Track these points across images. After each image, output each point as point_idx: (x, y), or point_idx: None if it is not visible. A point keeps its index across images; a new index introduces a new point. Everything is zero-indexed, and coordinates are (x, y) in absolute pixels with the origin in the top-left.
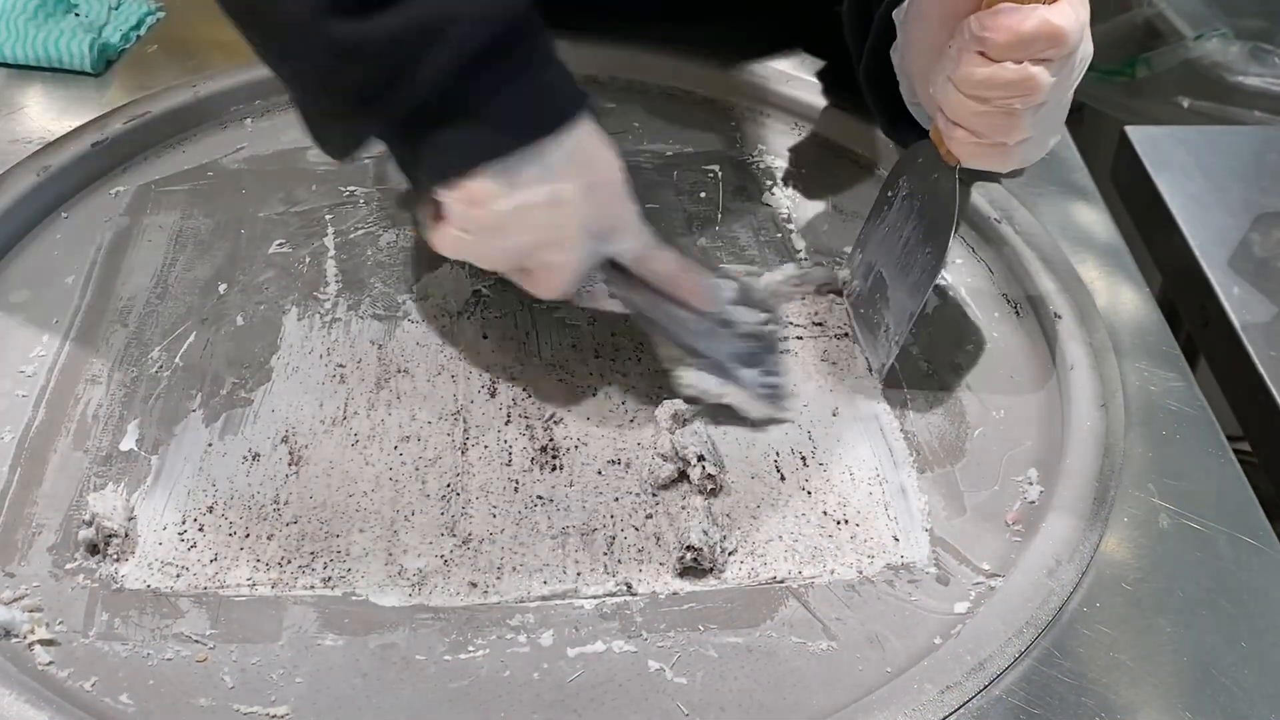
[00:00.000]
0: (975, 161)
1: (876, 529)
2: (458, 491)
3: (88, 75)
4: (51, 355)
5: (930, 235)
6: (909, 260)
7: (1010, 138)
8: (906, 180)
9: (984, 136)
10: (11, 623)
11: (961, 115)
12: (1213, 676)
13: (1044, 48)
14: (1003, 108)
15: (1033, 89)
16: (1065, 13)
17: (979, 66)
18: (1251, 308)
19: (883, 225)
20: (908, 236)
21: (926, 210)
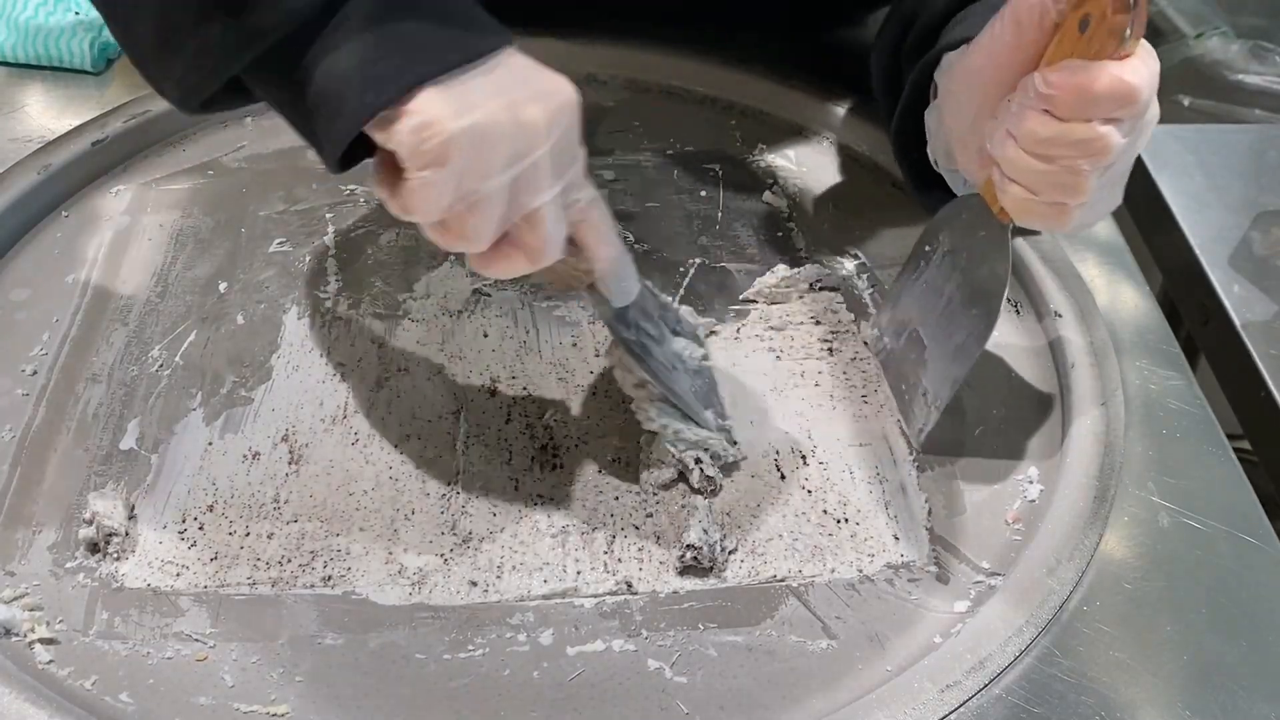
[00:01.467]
0: (1030, 221)
1: (876, 528)
2: (458, 490)
3: (88, 74)
4: (52, 354)
5: (978, 297)
6: (952, 322)
7: (1073, 199)
8: (948, 236)
9: (1043, 195)
10: (12, 621)
11: (1021, 173)
12: (1212, 675)
13: (1115, 108)
14: (1068, 167)
15: (1103, 150)
16: (1138, 70)
17: (1045, 125)
18: (1251, 306)
19: (919, 282)
20: (950, 296)
21: (973, 269)
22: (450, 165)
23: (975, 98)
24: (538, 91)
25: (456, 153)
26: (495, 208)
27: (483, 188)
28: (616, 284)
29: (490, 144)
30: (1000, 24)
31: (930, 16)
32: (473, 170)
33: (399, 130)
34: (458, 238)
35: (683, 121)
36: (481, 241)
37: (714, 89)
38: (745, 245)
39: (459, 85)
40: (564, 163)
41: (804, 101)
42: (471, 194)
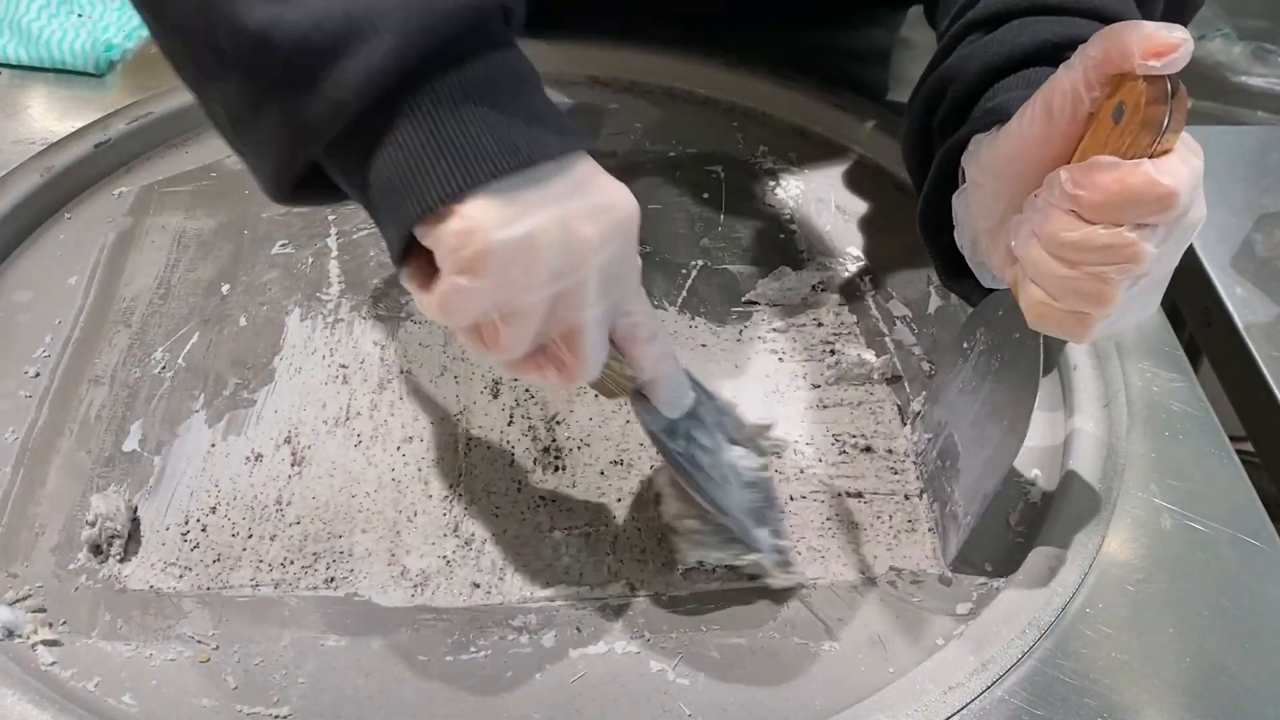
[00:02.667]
0: (1046, 328)
1: (879, 529)
2: (460, 492)
3: (91, 76)
4: (55, 355)
5: (1007, 406)
6: (983, 430)
7: (1096, 310)
8: (985, 334)
9: (1064, 303)
10: (15, 623)
11: (1042, 276)
12: (1215, 677)
13: (1148, 212)
14: (1094, 274)
15: (1133, 258)
16: (1176, 170)
17: (1070, 226)
18: (1254, 308)
19: (958, 380)
20: (984, 400)
21: (1005, 374)
22: (488, 275)
23: (1003, 190)
24: (595, 206)
25: (495, 264)
26: (531, 323)
27: (520, 301)
28: (668, 396)
29: (533, 258)
30: (1031, 111)
31: (961, 88)
32: (511, 283)
33: (441, 232)
34: (489, 346)
35: (685, 123)
36: (513, 354)
37: (716, 91)
38: (747, 247)
39: (512, 192)
40: (613, 281)
41: (806, 103)
42: (507, 305)
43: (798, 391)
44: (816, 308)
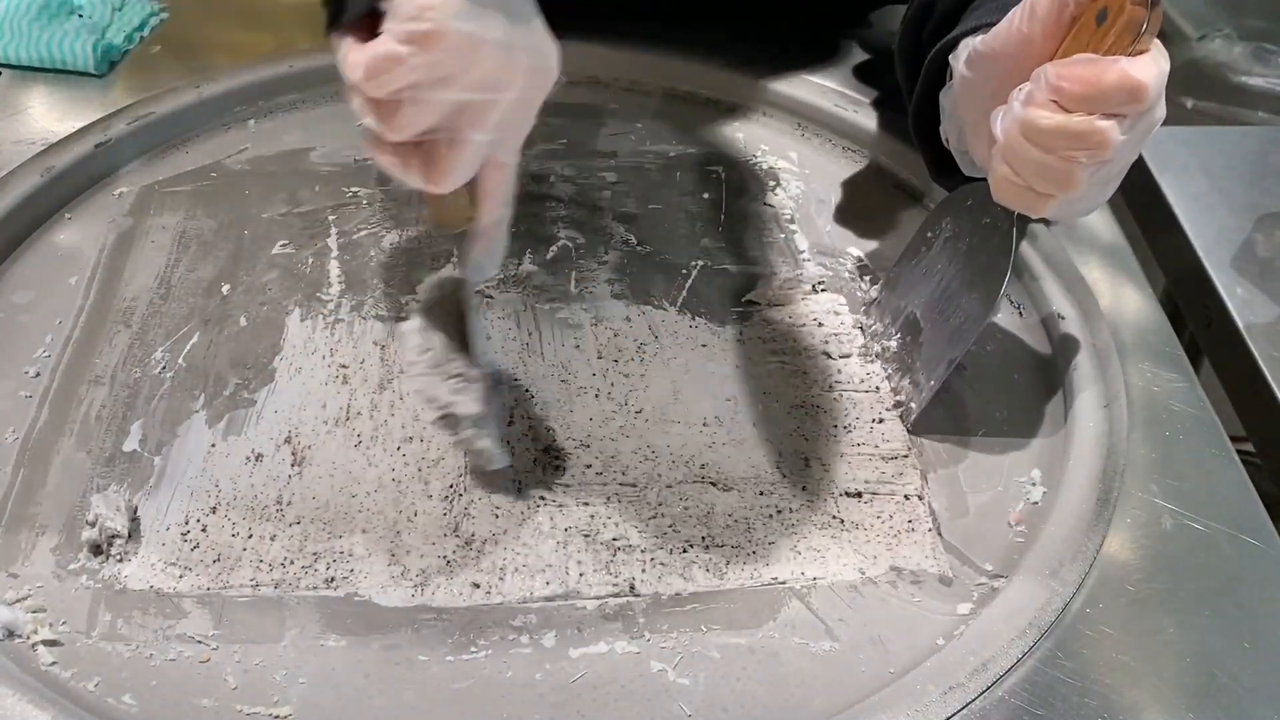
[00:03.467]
0: (1007, 201)
1: (879, 530)
2: (460, 492)
3: (91, 76)
4: (55, 356)
5: (978, 281)
6: (949, 305)
7: (1062, 191)
8: (952, 222)
9: (1035, 185)
10: (15, 623)
11: (1017, 159)
12: (1215, 677)
13: (1120, 102)
14: (1065, 158)
15: (1101, 144)
16: (1147, 68)
17: (1049, 114)
18: (1255, 308)
19: (919, 267)
20: (950, 280)
21: (975, 254)
22: (427, 54)
23: (989, 85)
24: (537, 48)
25: (439, 46)
26: (435, 114)
27: (438, 91)
28: (480, 255)
29: (472, 59)
30: (1019, 15)
31: (950, 1)
32: (440, 70)
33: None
34: (385, 117)
35: (685, 124)
36: (399, 135)
37: (716, 91)
38: (747, 247)
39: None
40: (514, 120)
41: (806, 104)
42: (426, 89)
43: (797, 391)
44: (816, 308)
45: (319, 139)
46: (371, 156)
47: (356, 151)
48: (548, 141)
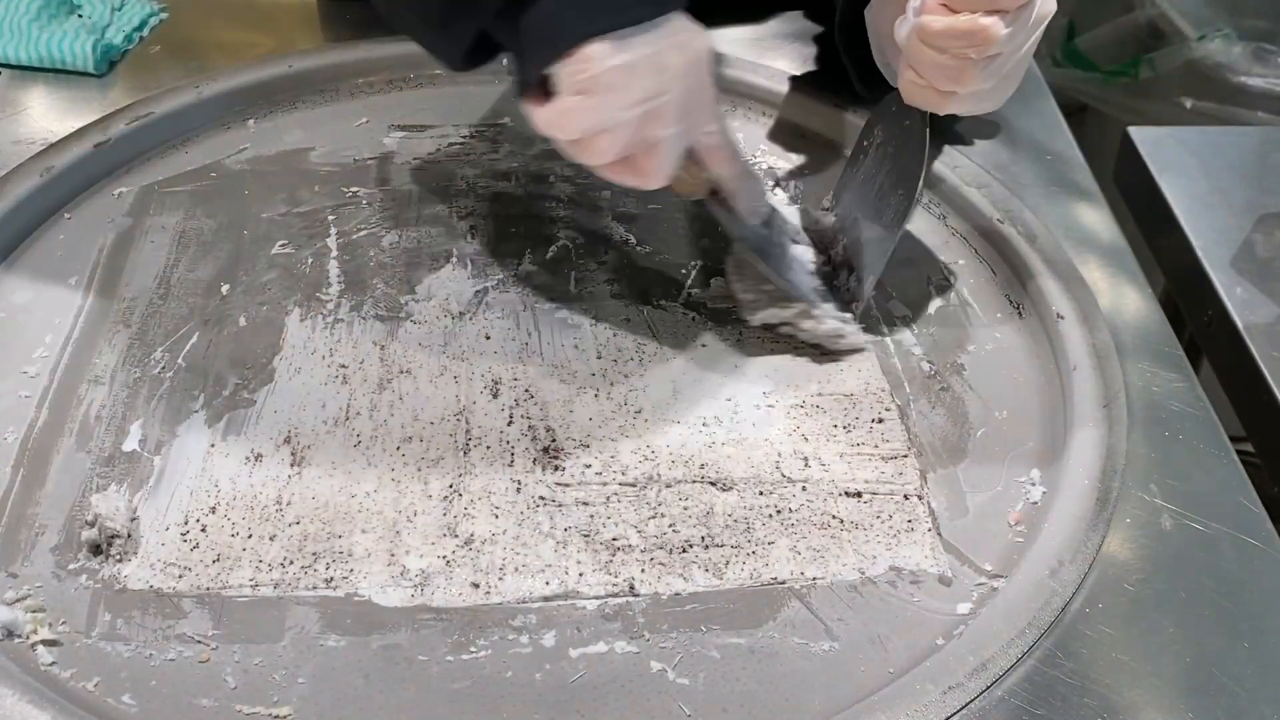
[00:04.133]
0: (918, 102)
1: (878, 529)
2: (460, 492)
3: (91, 76)
4: (54, 356)
5: (903, 178)
6: (882, 203)
7: (961, 87)
8: (881, 129)
9: (935, 83)
10: (14, 623)
11: (920, 63)
12: (1215, 677)
13: None
14: (958, 56)
15: (986, 40)
16: None
17: (938, 18)
18: (1254, 308)
19: (859, 174)
20: (881, 181)
21: (899, 155)
22: (595, 95)
23: None
24: (679, 44)
25: (601, 86)
26: (623, 134)
27: (617, 117)
28: (747, 204)
29: (631, 81)
30: None
31: None
32: (612, 102)
33: (565, 64)
34: (586, 152)
35: None
36: (606, 158)
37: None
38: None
39: (620, 39)
40: (692, 106)
41: (807, 104)
42: (607, 120)
43: (797, 392)
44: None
45: (318, 139)
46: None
47: (356, 151)
48: (547, 142)
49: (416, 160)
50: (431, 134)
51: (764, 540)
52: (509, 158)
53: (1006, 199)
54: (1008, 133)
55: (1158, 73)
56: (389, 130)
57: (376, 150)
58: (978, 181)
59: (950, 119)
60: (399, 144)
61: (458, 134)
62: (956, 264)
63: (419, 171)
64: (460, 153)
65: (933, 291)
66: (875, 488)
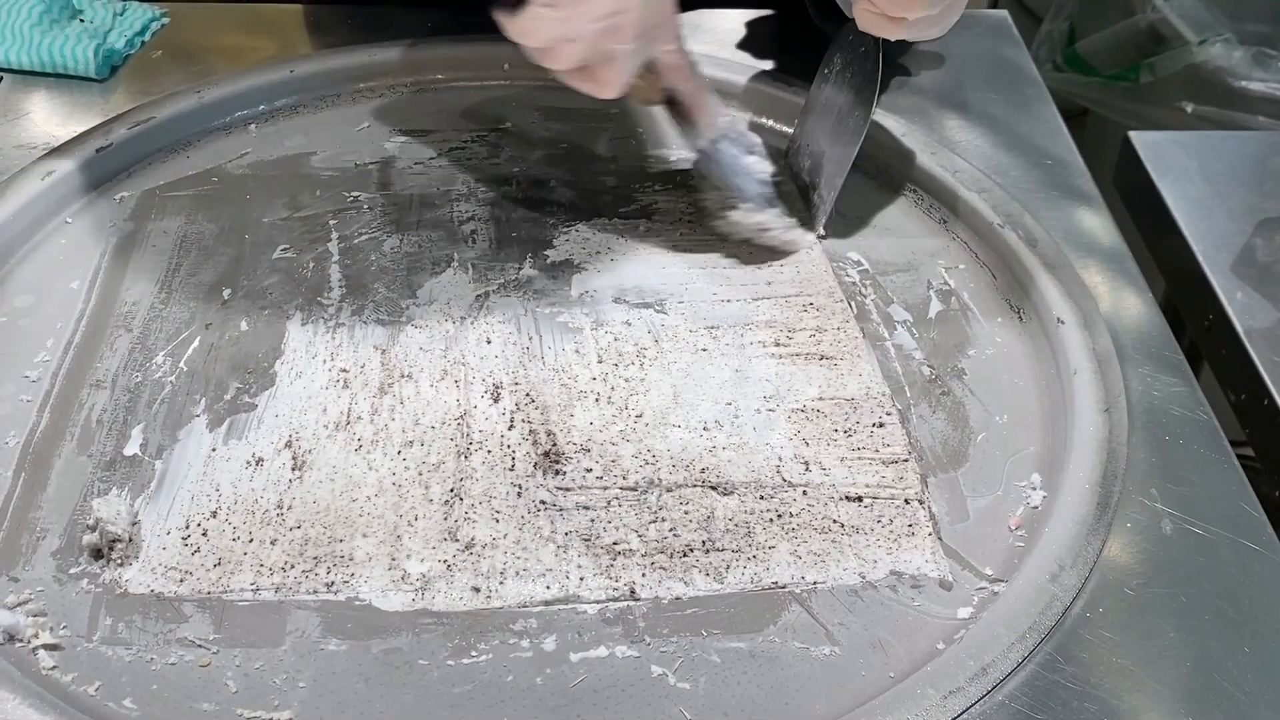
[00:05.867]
0: (874, 30)
1: (879, 534)
2: (461, 496)
3: (92, 81)
4: (55, 360)
5: (858, 99)
6: (841, 125)
7: (910, 13)
8: (839, 57)
9: (887, 10)
10: (15, 627)
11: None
12: (1216, 682)
13: None
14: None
15: None
16: None
17: None
18: (1254, 313)
19: (820, 100)
20: (840, 105)
21: (855, 78)
22: (562, 8)
23: None
24: None
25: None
26: (584, 45)
27: (580, 29)
28: (704, 118)
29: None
30: None
31: None
32: (576, 14)
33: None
34: (550, 58)
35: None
36: (566, 65)
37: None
38: (751, 252)
39: None
40: (651, 22)
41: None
42: (571, 30)
43: (798, 396)
44: (819, 313)
45: (320, 143)
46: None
47: (357, 156)
48: (548, 146)
49: (418, 165)
50: (432, 138)
51: (765, 544)
52: (509, 162)
53: (1007, 203)
54: (1008, 137)
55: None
56: (390, 135)
57: (378, 155)
58: (978, 186)
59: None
60: (400, 148)
61: (458, 138)
62: (957, 268)
63: (420, 176)
64: (461, 157)
65: (933, 296)
66: (876, 492)
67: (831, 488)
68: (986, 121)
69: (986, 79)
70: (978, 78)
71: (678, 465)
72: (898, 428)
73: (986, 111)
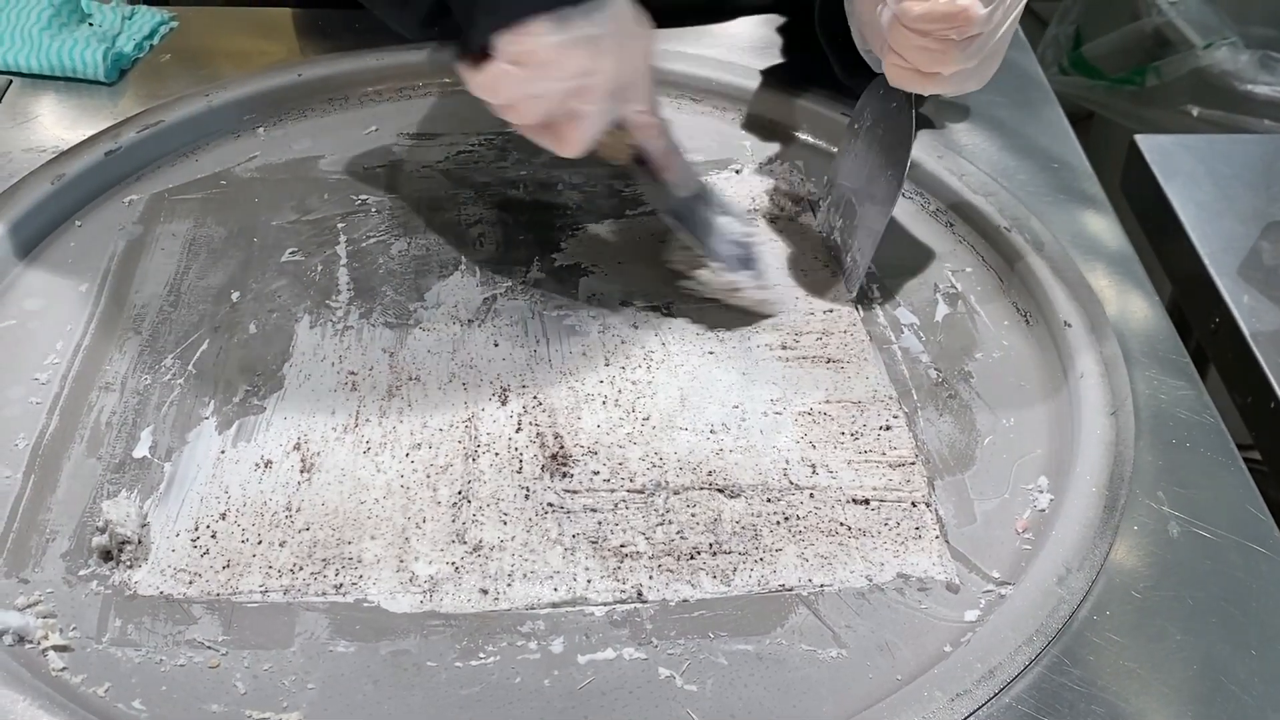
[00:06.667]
0: (907, 86)
1: (886, 537)
2: (468, 499)
3: (101, 84)
4: (65, 362)
5: (891, 159)
6: (873, 184)
7: (945, 68)
8: (870, 112)
9: (920, 65)
10: (25, 628)
11: (903, 47)
12: (1222, 684)
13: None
14: (939, 39)
15: (966, 21)
16: None
17: (918, 2)
18: (1261, 316)
19: (851, 155)
20: (871, 163)
21: (887, 136)
22: (529, 67)
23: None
24: (618, 28)
25: (536, 59)
26: (550, 103)
27: (546, 87)
28: (677, 178)
29: (564, 59)
30: None
31: None
32: (544, 75)
33: (508, 37)
34: (512, 113)
35: (692, 132)
36: (528, 120)
37: (722, 100)
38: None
39: (563, 18)
40: (622, 85)
41: (813, 113)
42: (536, 88)
43: (805, 399)
44: (825, 317)
45: (328, 147)
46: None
47: (365, 159)
48: None
49: (425, 168)
50: (440, 142)
51: (772, 547)
52: (517, 165)
53: (1014, 207)
54: (1015, 140)
55: (1164, 81)
56: (398, 138)
57: (385, 158)
58: (985, 189)
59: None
60: (408, 152)
61: (466, 142)
62: (964, 272)
63: (427, 179)
64: (468, 160)
65: (940, 299)
66: (883, 495)
67: (838, 490)
68: (993, 125)
69: (993, 82)
70: None
71: (685, 468)
72: (904, 431)
73: (993, 115)
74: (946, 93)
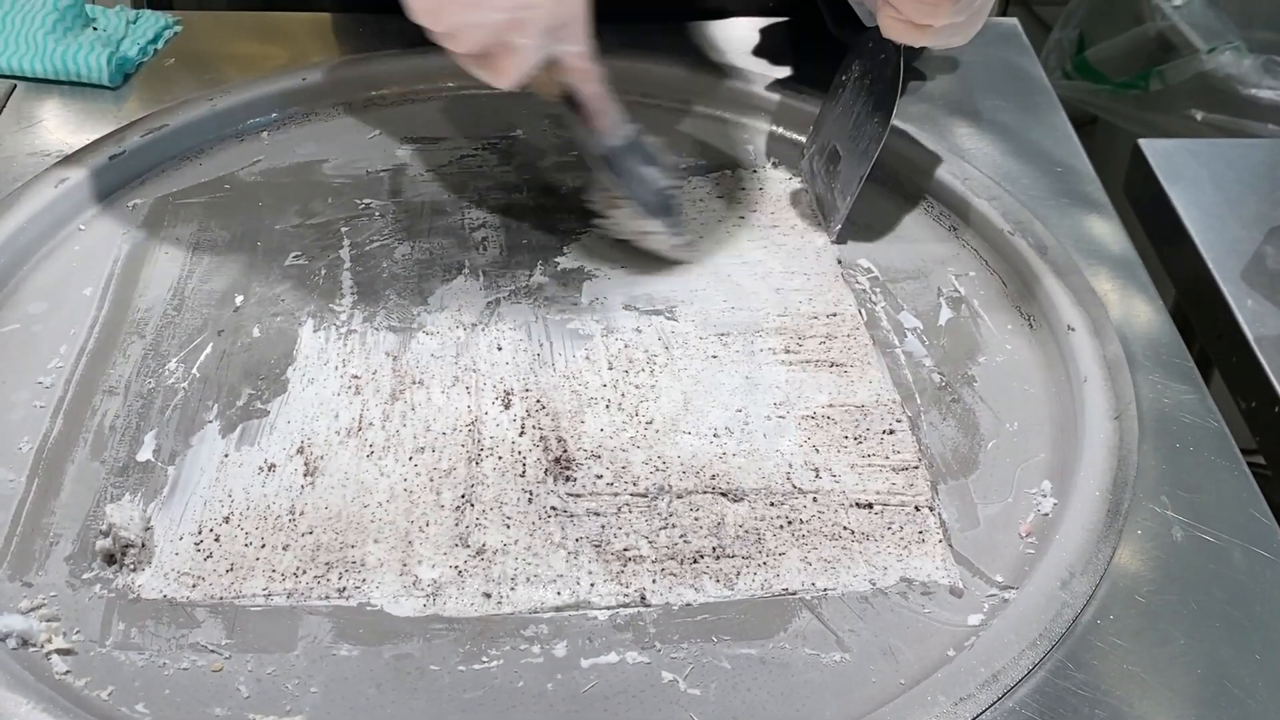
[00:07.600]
0: (899, 38)
1: (889, 540)
2: (472, 502)
3: (105, 89)
4: (69, 366)
5: (878, 106)
6: (859, 132)
7: (936, 20)
8: (858, 64)
9: (913, 18)
10: (29, 632)
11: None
12: (1226, 689)
13: None
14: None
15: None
16: None
17: None
18: (1265, 320)
19: (838, 106)
20: (858, 112)
21: (875, 86)
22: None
23: None
24: None
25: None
26: (488, 32)
27: (485, 17)
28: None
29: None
30: None
31: None
32: (483, 4)
33: None
34: (450, 40)
35: (693, 136)
36: (465, 49)
37: (725, 104)
38: (758, 259)
39: None
40: (557, 23)
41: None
42: (475, 18)
43: (808, 403)
44: (828, 321)
45: (331, 151)
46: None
47: (369, 163)
48: (559, 154)
49: (429, 172)
50: (443, 146)
51: (775, 551)
52: (520, 170)
53: (1017, 211)
54: (1018, 145)
55: (1168, 85)
56: (401, 142)
57: (389, 162)
58: (988, 193)
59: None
60: (411, 156)
61: (469, 146)
62: (967, 275)
63: (431, 183)
64: (472, 165)
65: (943, 303)
66: (886, 499)
67: (842, 494)
68: (997, 129)
69: (997, 87)
70: (988, 85)
71: (688, 471)
72: (908, 435)
73: (997, 119)
74: (935, 44)
